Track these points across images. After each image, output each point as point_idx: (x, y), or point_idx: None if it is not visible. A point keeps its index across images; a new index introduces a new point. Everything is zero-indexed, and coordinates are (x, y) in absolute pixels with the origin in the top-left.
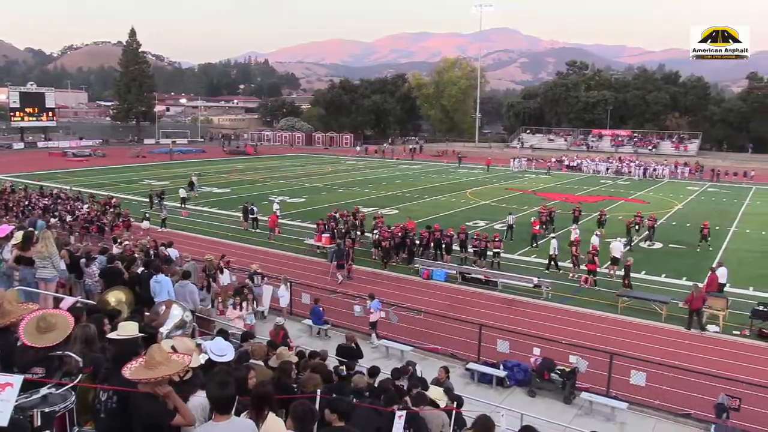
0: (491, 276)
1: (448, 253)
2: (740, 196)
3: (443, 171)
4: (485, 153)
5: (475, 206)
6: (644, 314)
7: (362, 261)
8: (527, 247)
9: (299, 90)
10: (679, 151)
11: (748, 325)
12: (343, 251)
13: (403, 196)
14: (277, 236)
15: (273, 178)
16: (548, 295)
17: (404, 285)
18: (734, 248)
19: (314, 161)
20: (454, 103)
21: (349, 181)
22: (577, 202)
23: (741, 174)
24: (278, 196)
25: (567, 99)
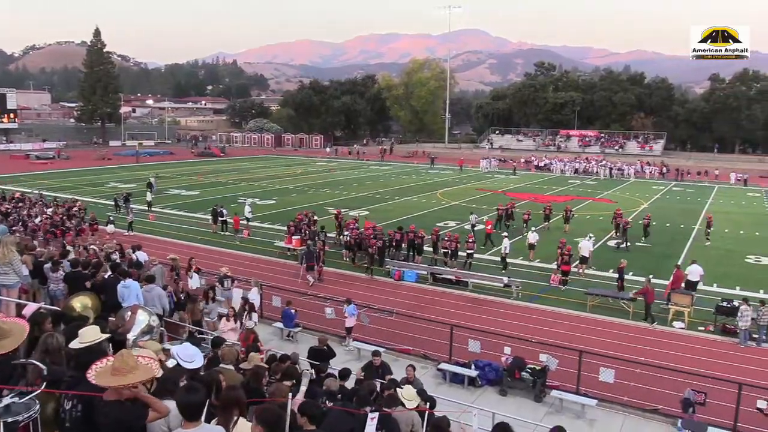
0: (462, 276)
1: (419, 254)
2: (704, 195)
3: (414, 172)
4: (455, 154)
5: (446, 207)
6: (612, 312)
7: (333, 263)
8: (492, 248)
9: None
10: (645, 151)
11: (712, 321)
12: (314, 253)
13: (374, 197)
14: (246, 239)
15: (242, 180)
16: (518, 295)
17: (375, 286)
18: (699, 246)
19: (284, 163)
20: (424, 104)
21: (320, 182)
22: (546, 202)
23: (704, 173)
24: (249, 198)
25: (535, 100)
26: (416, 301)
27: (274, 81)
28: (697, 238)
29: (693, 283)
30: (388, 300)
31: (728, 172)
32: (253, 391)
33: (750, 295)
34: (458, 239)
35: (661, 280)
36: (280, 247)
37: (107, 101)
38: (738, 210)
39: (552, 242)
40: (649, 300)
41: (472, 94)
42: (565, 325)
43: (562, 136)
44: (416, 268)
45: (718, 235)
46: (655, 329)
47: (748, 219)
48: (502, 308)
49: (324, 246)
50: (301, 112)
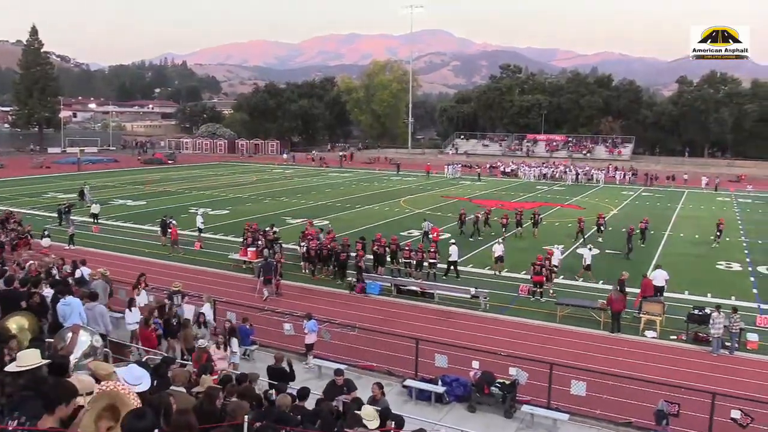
0: (427, 288)
1: (382, 265)
2: (674, 200)
3: (376, 179)
4: (419, 160)
5: (409, 215)
6: (583, 322)
7: (292, 276)
8: (461, 257)
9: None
10: (614, 155)
11: (684, 329)
12: (271, 265)
13: (334, 206)
14: (198, 251)
15: (193, 188)
16: (486, 306)
17: (336, 299)
18: (669, 252)
19: (238, 170)
20: (386, 107)
21: (276, 190)
22: (513, 209)
23: (671, 178)
24: (200, 208)
25: (501, 103)
26: (380, 314)
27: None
28: (669, 243)
29: (659, 288)
30: (350, 314)
31: (698, 176)
32: (207, 414)
33: (721, 302)
34: (423, 248)
35: (631, 288)
36: (234, 259)
37: (45, 105)
38: (708, 215)
39: (521, 251)
40: (614, 308)
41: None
42: (535, 337)
43: (529, 140)
44: (379, 280)
45: (688, 241)
46: (626, 339)
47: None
48: (470, 320)
49: (282, 258)
50: (256, 116)
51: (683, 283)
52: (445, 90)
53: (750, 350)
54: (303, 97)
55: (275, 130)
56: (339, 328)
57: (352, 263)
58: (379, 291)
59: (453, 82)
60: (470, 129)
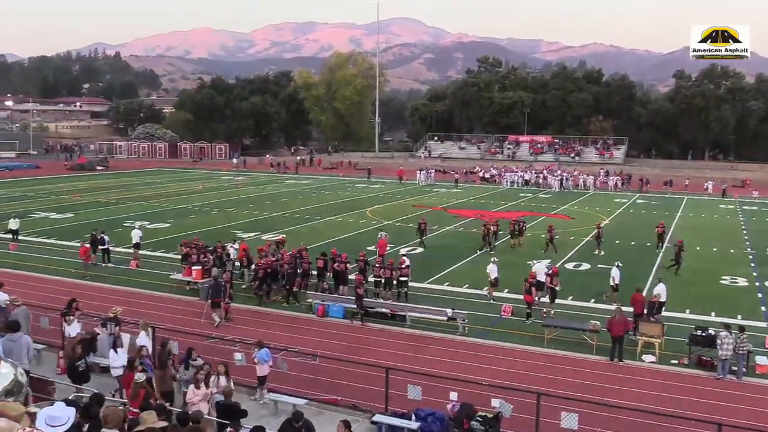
0: (398, 309)
1: (345, 284)
2: (672, 208)
3: (339, 186)
4: (387, 164)
5: (377, 227)
6: (573, 346)
7: (245, 298)
8: (437, 273)
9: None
10: (605, 158)
11: (686, 352)
12: (220, 286)
13: (291, 218)
14: (135, 270)
15: (128, 199)
16: (465, 329)
17: (295, 325)
18: (667, 266)
19: (181, 177)
20: (349, 105)
21: (225, 200)
22: (494, 219)
23: (669, 183)
24: (137, 221)
25: (479, 100)
26: (344, 340)
27: (168, 78)
28: (667, 256)
29: (662, 304)
30: (310, 341)
31: (699, 181)
32: None
33: (726, 321)
34: (393, 264)
35: (625, 307)
36: (177, 280)
37: None
38: (710, 224)
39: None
40: (614, 333)
41: (406, 94)
42: (520, 364)
43: (511, 142)
44: (343, 301)
45: (688, 254)
46: (622, 365)
47: (721, 234)
48: (447, 346)
49: (231, 278)
50: (202, 115)
51: (684, 301)
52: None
53: (760, 375)
54: (255, 94)
55: (223, 132)
56: (298, 357)
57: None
58: (343, 314)
59: (425, 77)
60: (445, 130)
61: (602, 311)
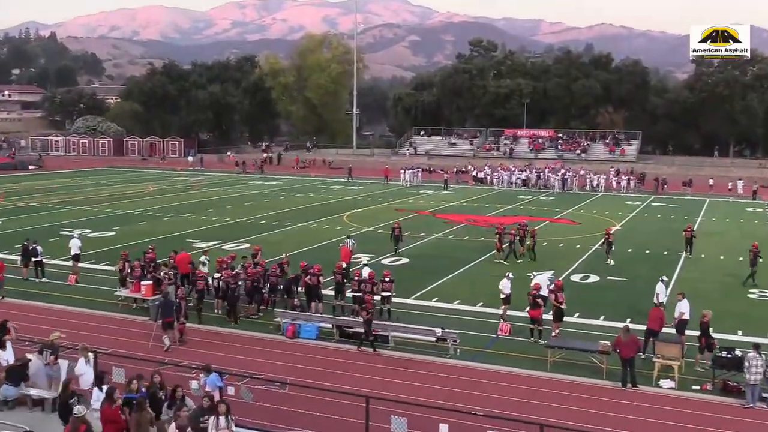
0: (380, 329)
1: (319, 300)
2: (692, 212)
3: (311, 188)
4: (368, 163)
5: (355, 234)
6: (580, 370)
7: (204, 317)
8: (424, 288)
9: (103, 77)
10: (615, 155)
11: (709, 377)
12: (172, 304)
13: (256, 224)
14: (74, 286)
15: (66, 203)
16: (456, 351)
17: (261, 347)
18: (687, 277)
19: (128, 178)
20: (323, 95)
21: (180, 204)
22: (488, 225)
23: (688, 183)
24: (76, 229)
25: (471, 89)
26: (318, 365)
27: (112, 63)
28: (687, 267)
29: (683, 322)
30: (278, 366)
31: (723, 180)
32: None
33: (756, 341)
34: (374, 278)
35: (639, 325)
36: (123, 297)
37: None
38: (736, 230)
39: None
40: (623, 354)
41: (388, 83)
42: (519, 390)
43: (508, 137)
44: (316, 320)
45: (711, 265)
46: (636, 391)
47: (748, 242)
48: (436, 371)
49: (185, 294)
50: (152, 106)
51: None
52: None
53: None
54: (214, 82)
55: (178, 125)
56: (264, 385)
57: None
58: (317, 335)
59: (410, 63)
60: (432, 123)
61: (614, 330)
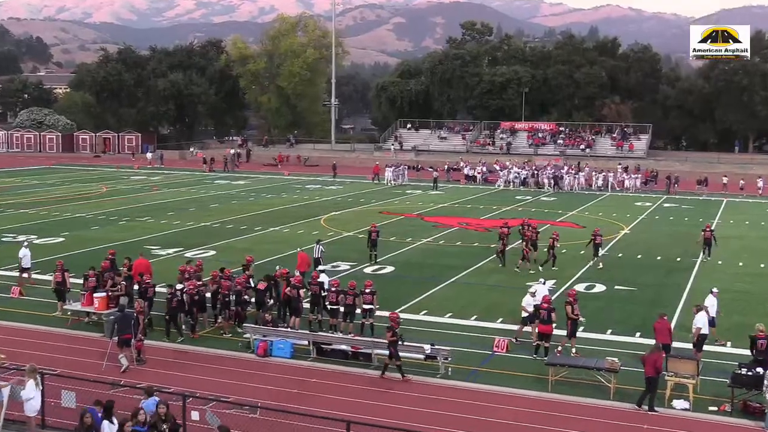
0: (362, 346)
1: (296, 315)
2: (708, 213)
3: (284, 188)
4: (348, 159)
5: (334, 240)
6: (586, 390)
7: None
8: (411, 300)
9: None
10: (622, 151)
11: (727, 397)
12: (129, 319)
13: (222, 230)
14: (18, 300)
15: (8, 205)
16: (447, 370)
17: (229, 367)
18: (703, 287)
19: (79, 177)
20: (298, 84)
21: (138, 207)
22: (483, 228)
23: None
24: (21, 235)
25: (464, 78)
26: (293, 386)
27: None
28: (703, 275)
29: (704, 337)
30: (248, 387)
31: (739, 178)
32: None
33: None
34: (355, 289)
35: (650, 339)
36: (73, 311)
37: None
38: (756, 234)
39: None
40: (649, 372)
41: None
42: (518, 413)
43: (505, 130)
44: (291, 336)
45: (730, 272)
46: (648, 413)
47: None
48: (425, 392)
49: (141, 308)
50: (106, 97)
51: (724, 332)
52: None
53: None
54: (175, 70)
55: (135, 118)
56: (232, 409)
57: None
58: (292, 353)
59: (395, 48)
60: (420, 115)
61: (622, 345)
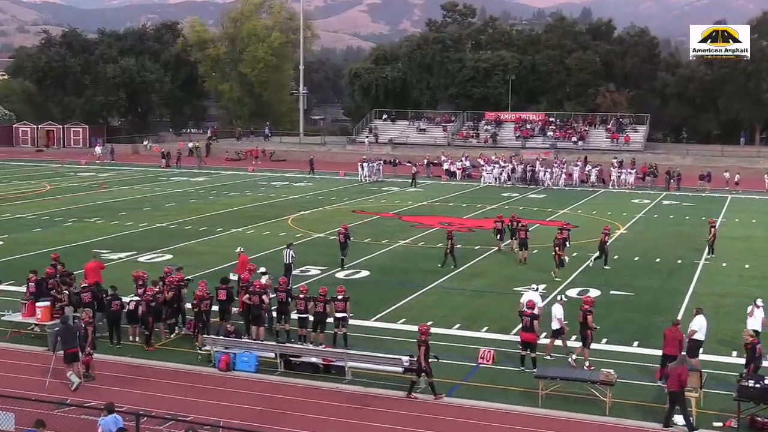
0: (334, 358)
1: (260, 324)
2: (710, 211)
3: (247, 185)
4: (318, 154)
5: (303, 242)
6: (579, 405)
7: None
8: (388, 307)
9: None
10: (618, 143)
11: (733, 411)
12: (75, 331)
13: (179, 231)
14: None
15: None
16: (427, 384)
17: (187, 383)
18: (705, 291)
19: (18, 174)
20: (262, 71)
21: (85, 206)
22: (466, 228)
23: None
24: None
25: (444, 64)
26: (257, 403)
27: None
28: (705, 278)
29: (699, 343)
30: (209, 405)
31: (747, 174)
32: None
33: None
34: (326, 295)
35: (649, 348)
36: (12, 322)
37: None
38: (763, 233)
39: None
40: (672, 387)
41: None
42: (506, 431)
43: (490, 121)
44: (256, 347)
45: (734, 275)
46: (645, 428)
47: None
48: (403, 408)
49: (93, 317)
50: (49, 85)
51: (729, 340)
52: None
53: None
54: (127, 55)
55: (82, 108)
56: (190, 430)
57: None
58: (257, 367)
59: (369, 31)
60: (397, 105)
61: (618, 355)
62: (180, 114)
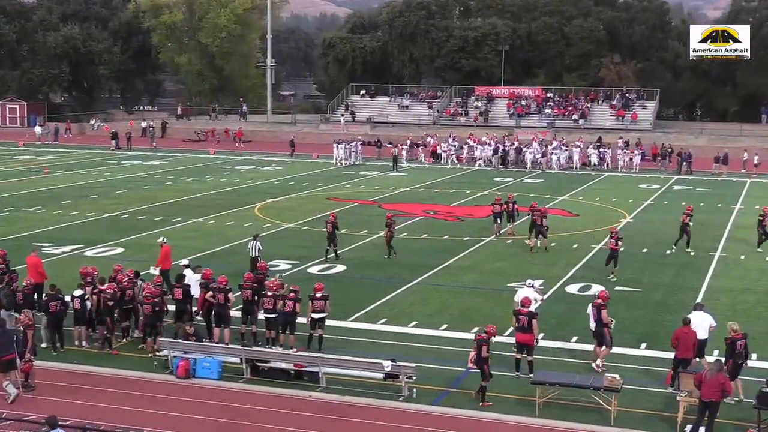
0: (307, 363)
1: (227, 325)
2: (728, 198)
3: (208, 169)
4: (289, 134)
5: (269, 233)
6: (581, 413)
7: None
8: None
9: None
10: (624, 121)
11: (753, 420)
12: (11, 336)
13: (132, 221)
14: None
15: None
16: (412, 392)
17: (142, 392)
18: (720, 286)
19: None
20: (224, 41)
21: (24, 194)
22: (454, 217)
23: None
24: None
25: (430, 33)
26: (220, 414)
27: None
28: (721, 271)
29: (701, 343)
30: (167, 417)
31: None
32: None
33: None
34: (299, 292)
35: (658, 351)
36: None
37: None
38: None
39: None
40: (711, 396)
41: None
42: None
43: (480, 97)
44: (219, 352)
45: (753, 268)
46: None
47: None
48: (384, 418)
49: (33, 319)
50: None
51: (748, 341)
52: (332, 9)
53: None
54: (70, 21)
55: (18, 83)
56: None
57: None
58: (220, 373)
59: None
60: (377, 79)
61: (624, 358)
62: (132, 89)
